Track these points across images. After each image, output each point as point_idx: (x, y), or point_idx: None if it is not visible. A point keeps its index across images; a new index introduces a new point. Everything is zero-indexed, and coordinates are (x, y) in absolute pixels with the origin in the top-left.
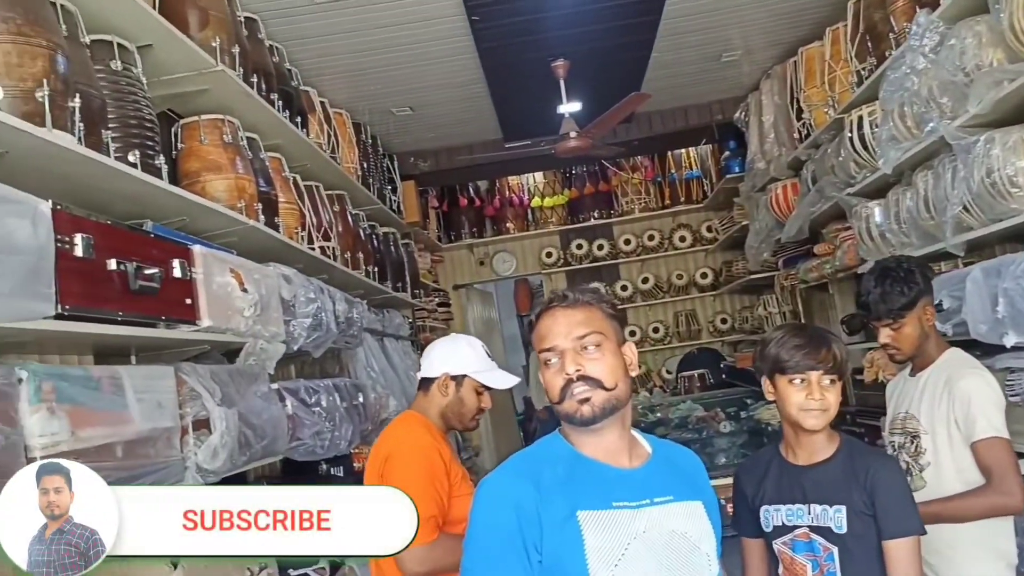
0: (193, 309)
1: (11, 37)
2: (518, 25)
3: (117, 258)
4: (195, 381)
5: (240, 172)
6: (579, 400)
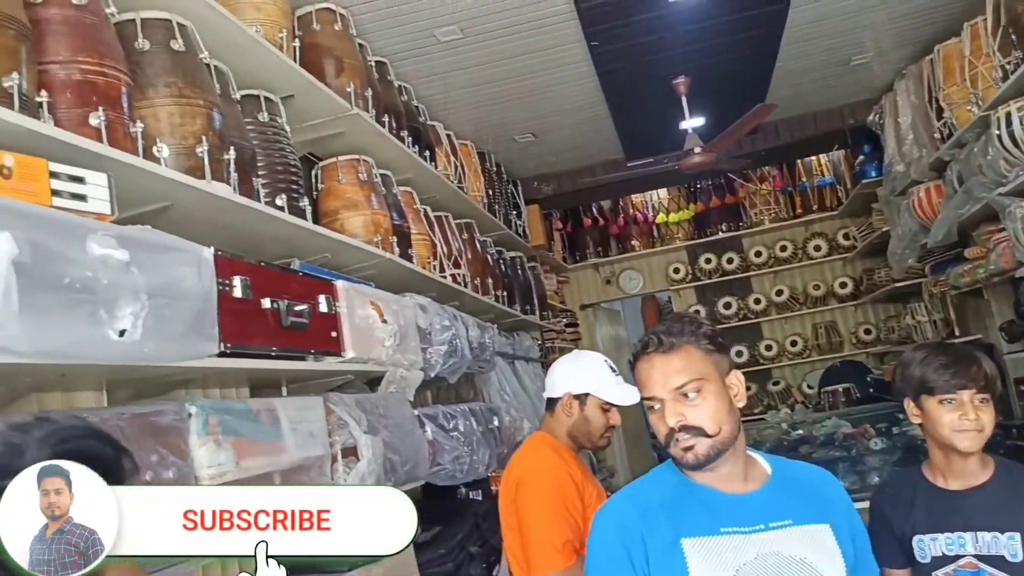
0: (338, 341)
1: (174, 100)
2: (637, 47)
3: (271, 297)
4: (342, 410)
5: (375, 208)
6: (683, 448)
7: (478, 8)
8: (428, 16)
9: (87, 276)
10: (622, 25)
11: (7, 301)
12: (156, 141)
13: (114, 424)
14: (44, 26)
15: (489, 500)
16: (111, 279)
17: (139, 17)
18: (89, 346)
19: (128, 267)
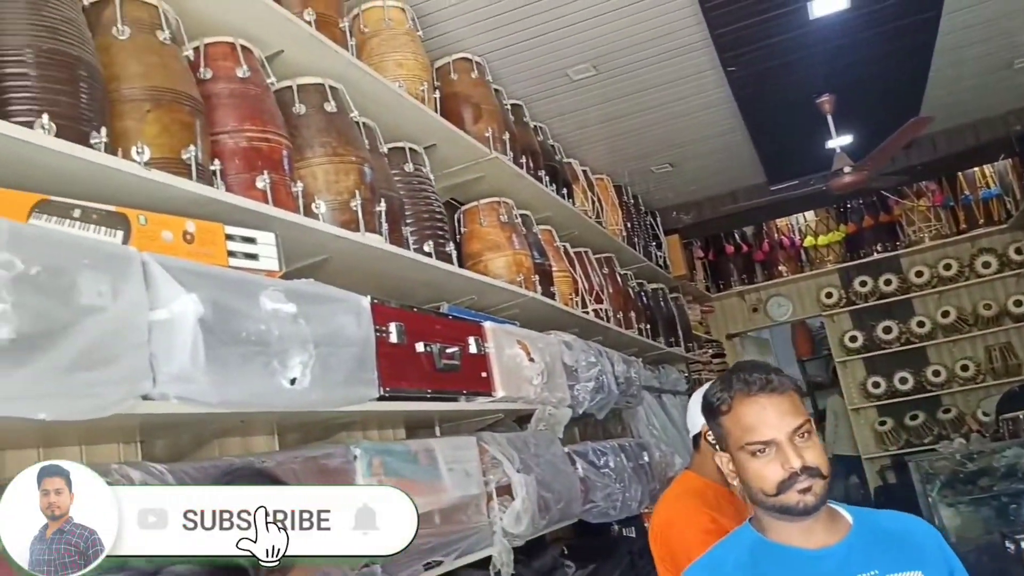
0: (488, 381)
1: (328, 158)
2: (776, 69)
3: (424, 341)
4: (495, 449)
5: (517, 248)
6: (801, 490)
7: (610, 44)
8: (561, 56)
9: (261, 329)
10: (759, 48)
11: (195, 357)
12: (314, 198)
13: (289, 468)
14: (214, 100)
15: (643, 537)
16: (282, 331)
17: (296, 84)
18: (266, 395)
19: (296, 319)
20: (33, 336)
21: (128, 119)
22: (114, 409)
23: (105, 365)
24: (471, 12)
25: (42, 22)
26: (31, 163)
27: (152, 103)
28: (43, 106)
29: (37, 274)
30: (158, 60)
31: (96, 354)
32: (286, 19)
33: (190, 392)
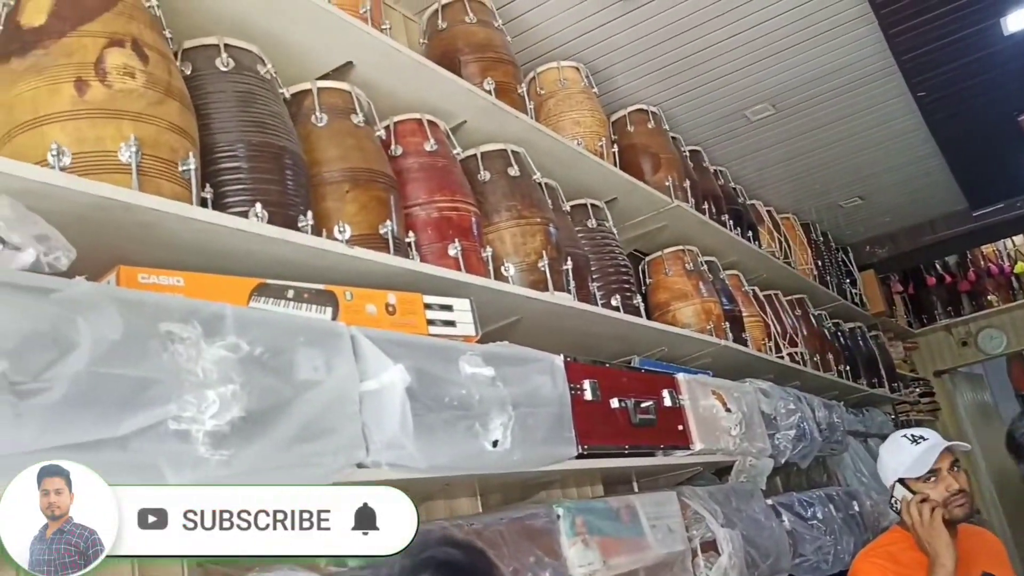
0: (685, 434)
1: (514, 221)
2: (970, 89)
3: (618, 397)
4: (697, 504)
5: (705, 296)
6: None
7: (788, 82)
8: (737, 98)
9: (462, 394)
10: (950, 70)
11: (404, 424)
12: (503, 261)
13: (495, 530)
14: (405, 174)
15: None
16: (482, 394)
17: (479, 152)
18: (470, 458)
19: (494, 382)
20: (261, 413)
21: (329, 200)
22: (334, 478)
23: (324, 436)
24: (645, 64)
25: (250, 117)
26: (247, 249)
27: (350, 183)
28: (255, 195)
29: (260, 354)
30: (354, 143)
31: (315, 426)
32: (468, 91)
33: (401, 459)
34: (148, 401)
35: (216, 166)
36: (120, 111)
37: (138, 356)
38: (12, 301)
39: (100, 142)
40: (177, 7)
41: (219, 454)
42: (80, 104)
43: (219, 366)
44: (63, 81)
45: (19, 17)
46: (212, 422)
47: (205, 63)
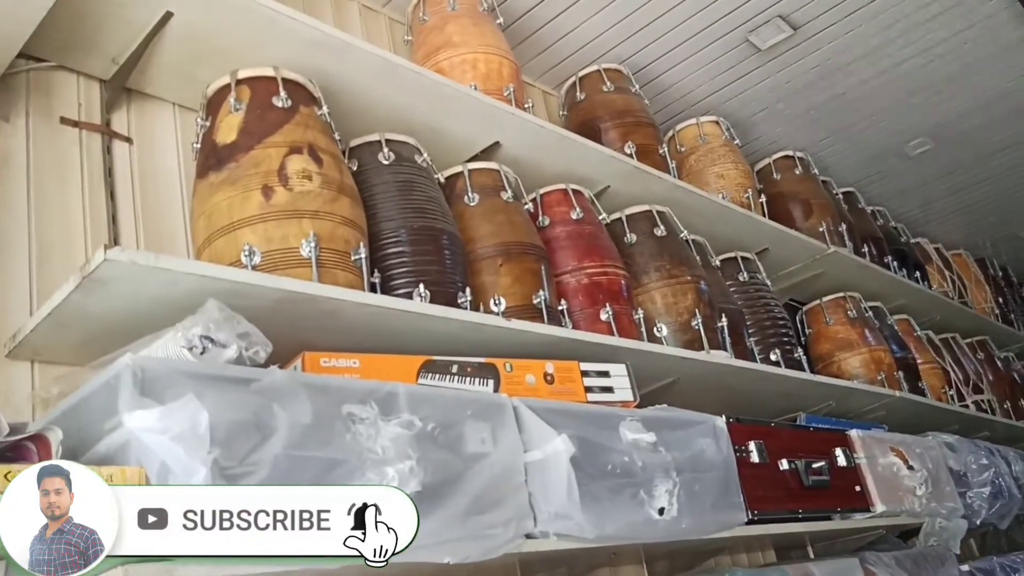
0: (864, 496)
1: (664, 281)
2: None
3: (787, 458)
4: (883, 571)
5: (872, 344)
6: None
7: (949, 113)
8: (892, 135)
9: (625, 461)
10: None
11: (570, 494)
12: (655, 322)
13: None
14: (553, 243)
15: None
16: (644, 461)
17: (624, 215)
18: (637, 526)
19: (656, 447)
20: (435, 486)
21: (484, 275)
22: (505, 549)
23: (494, 508)
24: (787, 110)
25: (411, 204)
26: (413, 328)
27: (503, 257)
28: (418, 276)
29: (432, 429)
30: (504, 218)
31: (485, 499)
32: (610, 157)
33: (568, 528)
34: (335, 480)
35: (382, 252)
36: (300, 211)
37: (326, 438)
38: (221, 393)
39: (284, 240)
40: (344, 110)
41: None
42: (267, 208)
43: (395, 443)
44: (252, 189)
45: (214, 136)
46: None
47: (369, 158)
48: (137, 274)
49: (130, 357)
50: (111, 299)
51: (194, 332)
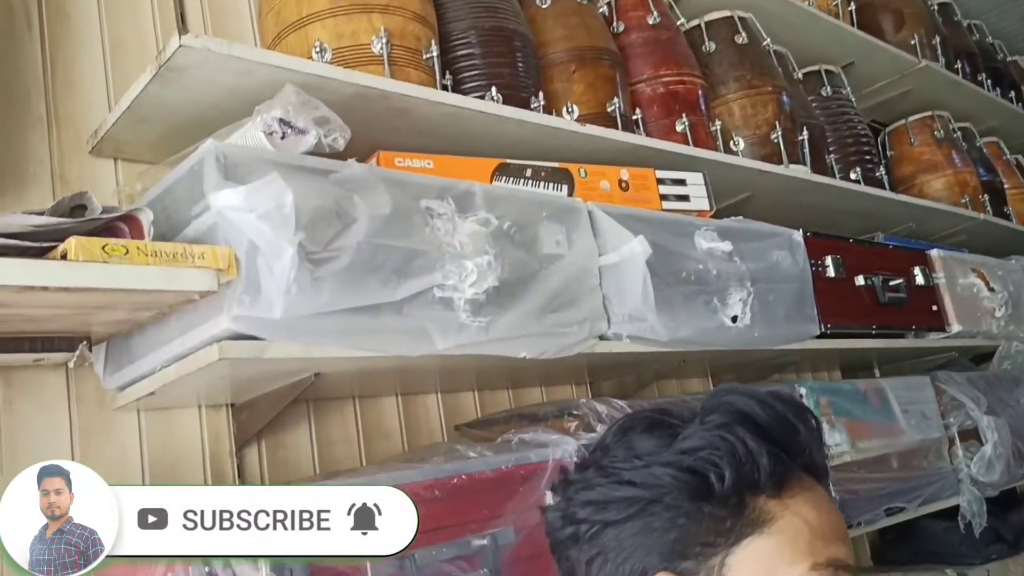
0: (940, 315)
1: (743, 92)
2: None
3: (863, 274)
4: (955, 390)
5: (958, 166)
6: None
7: None
8: None
9: (699, 269)
10: None
11: (645, 296)
12: (732, 135)
13: None
14: (629, 50)
15: None
16: (719, 270)
17: (703, 21)
18: (710, 333)
19: (731, 257)
20: (512, 284)
21: (556, 82)
22: (578, 348)
23: (568, 308)
24: None
25: (481, 3)
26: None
27: (576, 63)
28: (490, 80)
29: (508, 228)
30: (579, 21)
31: (560, 299)
32: None
33: (642, 331)
34: (417, 270)
35: (452, 54)
36: (370, 5)
37: (405, 229)
38: (303, 181)
39: (355, 36)
40: None
41: (478, 321)
42: (337, 1)
43: (473, 239)
44: None
45: None
46: (471, 290)
47: None
48: (212, 61)
49: (212, 143)
50: (186, 89)
51: (272, 116)
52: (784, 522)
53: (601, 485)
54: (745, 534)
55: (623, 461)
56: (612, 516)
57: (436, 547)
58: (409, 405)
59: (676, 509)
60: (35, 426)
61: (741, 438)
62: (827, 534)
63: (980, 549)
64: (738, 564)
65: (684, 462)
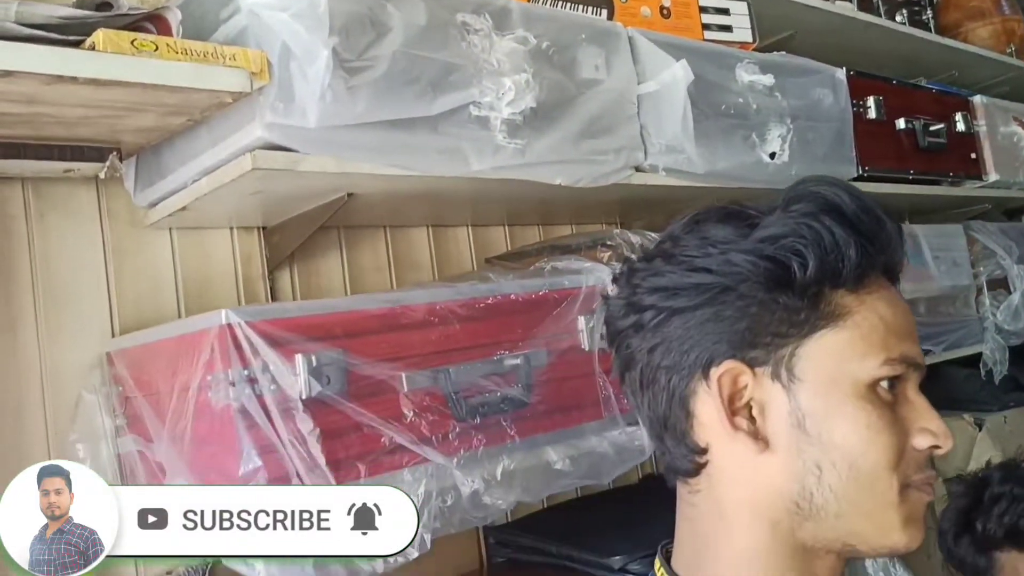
0: (978, 164)
1: None
2: None
3: (904, 117)
4: (987, 239)
5: (1006, 14)
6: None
7: None
8: None
9: (739, 102)
10: None
11: (684, 126)
12: None
13: None
14: None
15: None
16: (759, 104)
17: None
18: (748, 168)
19: (772, 92)
20: (548, 106)
21: None
22: (614, 178)
23: (604, 135)
24: None
25: None
26: None
27: None
28: None
29: (547, 48)
30: None
31: (597, 125)
32: None
33: (678, 163)
34: (453, 84)
35: None
36: None
37: (441, 42)
38: None
39: None
40: None
41: (514, 143)
42: None
43: (511, 57)
44: None
45: None
46: (508, 110)
47: None
48: None
49: None
50: None
51: None
52: (859, 317)
53: (672, 272)
54: (819, 327)
55: (695, 249)
56: (681, 303)
57: (470, 363)
58: (440, 237)
59: (750, 298)
60: (68, 242)
61: (828, 227)
62: (901, 331)
63: (999, 396)
64: (808, 355)
65: (765, 250)
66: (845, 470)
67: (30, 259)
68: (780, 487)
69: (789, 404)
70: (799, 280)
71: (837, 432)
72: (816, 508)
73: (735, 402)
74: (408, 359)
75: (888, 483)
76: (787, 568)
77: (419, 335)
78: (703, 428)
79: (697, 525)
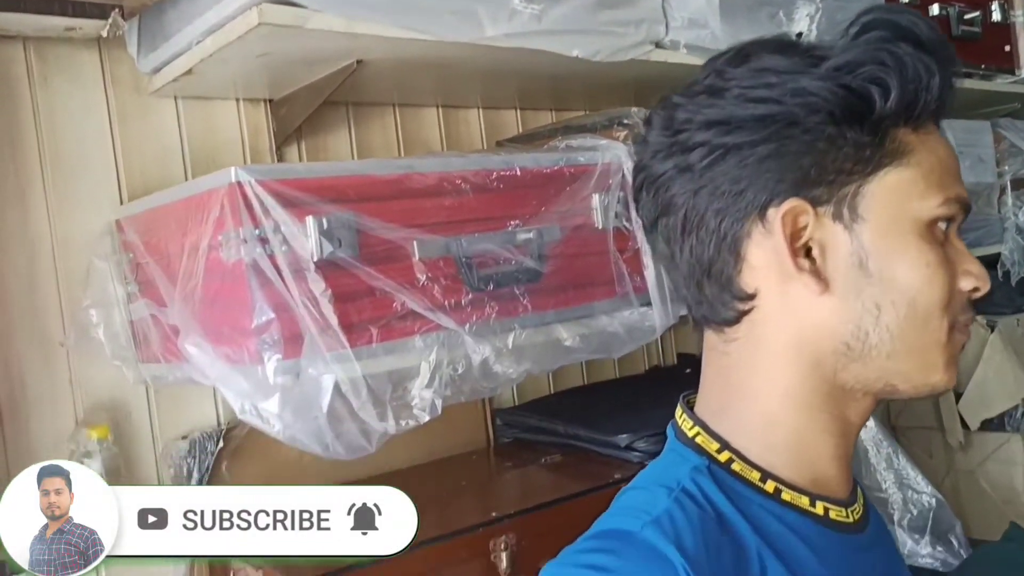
0: (1012, 57)
1: None
2: None
3: (939, 2)
4: (1015, 136)
5: None
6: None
7: None
8: None
9: None
10: None
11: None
12: None
13: None
14: None
15: None
16: None
17: None
18: None
19: None
20: None
21: None
22: (632, 53)
23: (625, 6)
24: None
25: None
26: None
27: None
28: None
29: None
30: None
31: None
32: None
33: (701, 39)
34: None
35: None
36: None
37: None
38: None
39: None
40: None
41: (531, 8)
42: None
43: None
44: None
45: None
46: None
47: None
48: None
49: None
50: None
51: None
52: (921, 156)
53: (729, 104)
54: (883, 164)
55: (751, 79)
56: (740, 138)
57: (483, 235)
58: (450, 118)
59: (817, 132)
60: (73, 107)
61: (912, 56)
62: (954, 172)
63: (1014, 299)
64: (872, 194)
65: (842, 79)
66: (904, 308)
67: (36, 127)
68: (833, 328)
69: (851, 244)
70: (878, 112)
71: (900, 270)
72: (869, 347)
73: (794, 243)
74: (420, 226)
75: (939, 322)
76: (821, 410)
77: (431, 202)
78: (753, 272)
79: (729, 372)
